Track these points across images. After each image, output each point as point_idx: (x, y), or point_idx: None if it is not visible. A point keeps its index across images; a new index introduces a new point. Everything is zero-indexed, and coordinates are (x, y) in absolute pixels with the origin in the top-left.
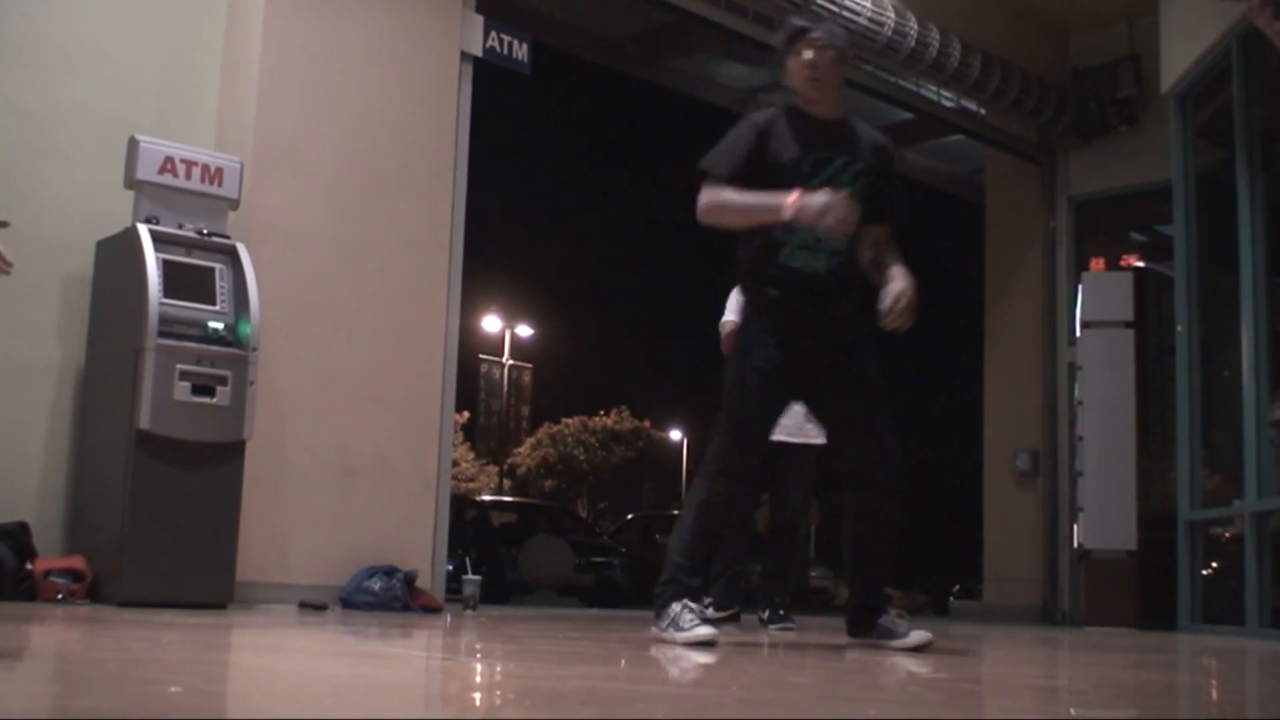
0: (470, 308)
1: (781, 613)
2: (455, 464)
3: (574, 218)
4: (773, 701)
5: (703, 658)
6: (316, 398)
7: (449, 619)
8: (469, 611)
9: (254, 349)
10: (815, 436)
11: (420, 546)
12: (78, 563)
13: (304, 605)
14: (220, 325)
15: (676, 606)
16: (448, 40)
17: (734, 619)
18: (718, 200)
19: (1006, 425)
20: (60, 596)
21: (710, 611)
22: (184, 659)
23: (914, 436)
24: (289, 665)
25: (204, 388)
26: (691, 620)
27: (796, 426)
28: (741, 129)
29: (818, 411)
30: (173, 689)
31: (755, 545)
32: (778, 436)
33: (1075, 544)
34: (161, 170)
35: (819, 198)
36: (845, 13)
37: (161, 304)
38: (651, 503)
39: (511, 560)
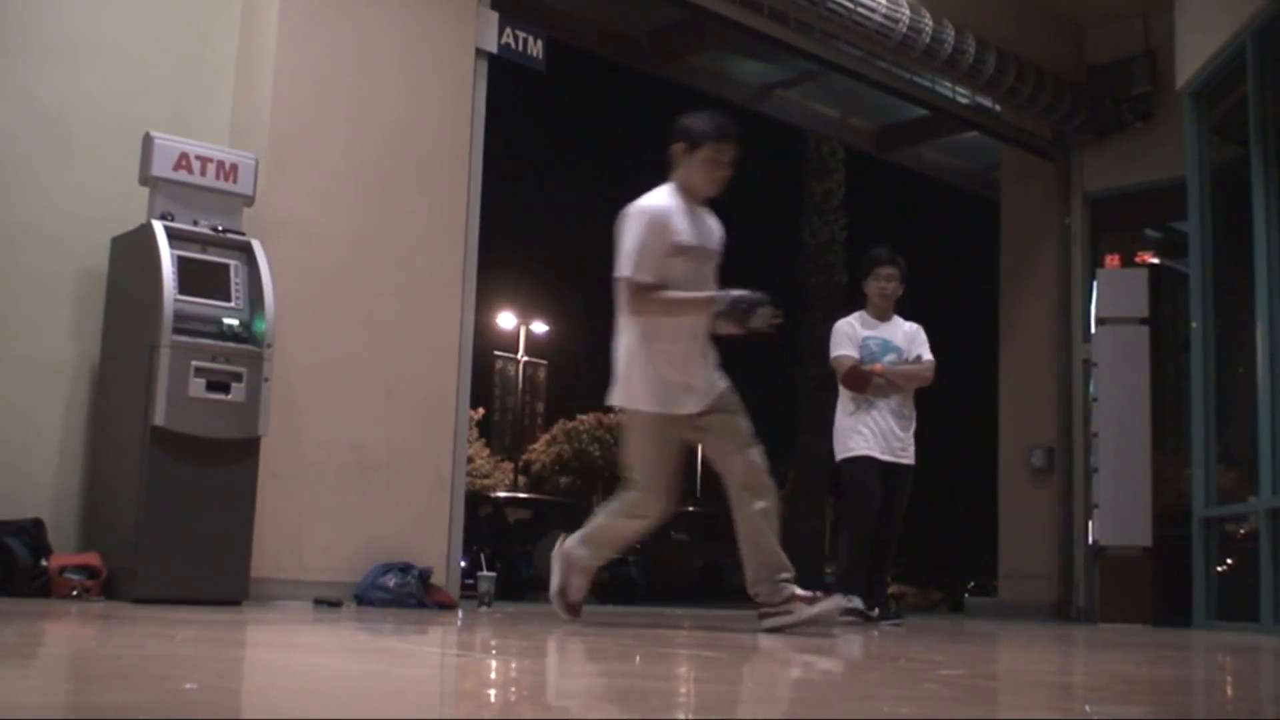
0: (485, 304)
1: (894, 609)
2: (470, 460)
3: (589, 214)
4: (787, 699)
5: (716, 654)
6: (331, 394)
7: (464, 616)
8: (484, 608)
9: (269, 346)
10: (910, 458)
11: (435, 543)
12: (93, 559)
13: (319, 602)
14: (235, 322)
15: None
16: (463, 37)
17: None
18: None
19: (1021, 422)
20: (75, 593)
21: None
22: (199, 655)
23: (929, 433)
24: (304, 662)
25: (219, 384)
26: None
27: (899, 449)
28: None
29: None
30: (187, 686)
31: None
32: (889, 458)
33: (1090, 540)
34: (176, 166)
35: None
36: (860, 9)
37: (176, 300)
38: None
39: (527, 557)
